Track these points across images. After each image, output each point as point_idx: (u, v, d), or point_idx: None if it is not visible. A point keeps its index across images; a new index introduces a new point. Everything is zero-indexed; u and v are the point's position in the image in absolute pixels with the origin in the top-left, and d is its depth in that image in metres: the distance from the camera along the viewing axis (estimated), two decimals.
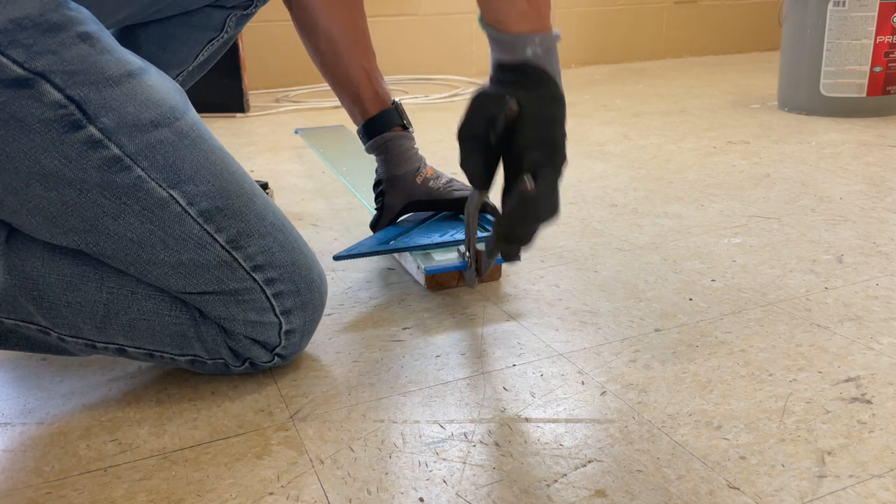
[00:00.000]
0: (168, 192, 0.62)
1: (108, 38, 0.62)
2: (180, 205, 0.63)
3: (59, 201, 0.61)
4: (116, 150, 0.60)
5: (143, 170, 0.61)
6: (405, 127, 0.94)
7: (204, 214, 0.64)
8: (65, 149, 0.58)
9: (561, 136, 0.65)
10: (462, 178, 1.05)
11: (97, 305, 0.66)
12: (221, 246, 0.65)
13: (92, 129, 0.59)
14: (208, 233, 0.64)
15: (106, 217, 0.62)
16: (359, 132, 0.96)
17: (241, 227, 0.66)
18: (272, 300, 0.67)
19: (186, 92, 0.95)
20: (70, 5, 0.60)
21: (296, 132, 1.75)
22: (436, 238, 0.90)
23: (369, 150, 0.96)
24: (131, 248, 0.64)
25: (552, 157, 0.64)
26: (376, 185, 0.97)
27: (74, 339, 0.68)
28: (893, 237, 1.03)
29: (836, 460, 0.57)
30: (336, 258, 0.88)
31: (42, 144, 0.58)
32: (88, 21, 0.61)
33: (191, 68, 0.90)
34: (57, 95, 0.57)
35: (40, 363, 0.77)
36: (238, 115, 2.17)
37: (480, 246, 0.84)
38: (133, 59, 0.63)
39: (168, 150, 0.62)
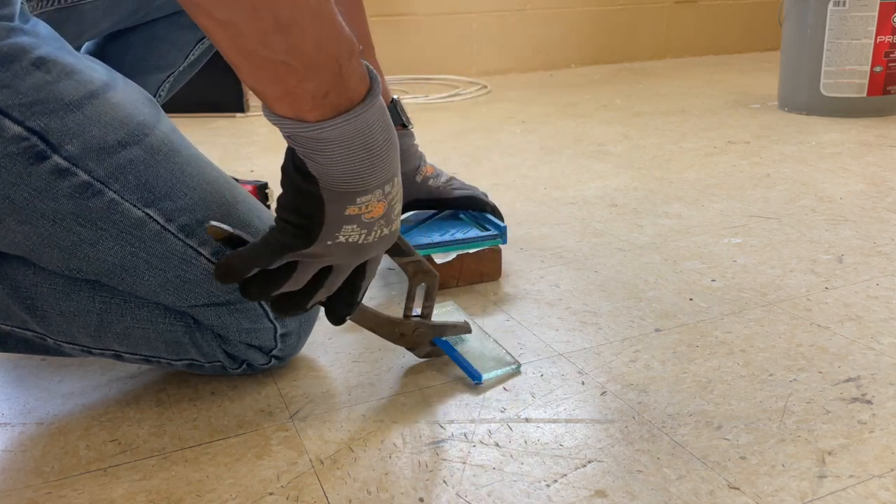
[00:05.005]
0: (144, 212, 0.61)
1: (67, 57, 0.60)
2: (158, 223, 0.62)
3: (35, 234, 0.60)
4: (85, 176, 0.59)
5: (115, 192, 0.60)
6: (405, 125, 0.94)
7: (184, 229, 0.62)
8: (32, 181, 0.57)
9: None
10: (462, 178, 1.06)
11: (90, 314, 0.65)
12: (207, 259, 0.63)
13: (57, 159, 0.58)
14: (191, 247, 0.63)
15: (84, 244, 0.61)
16: None
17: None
18: (265, 306, 0.67)
19: (180, 91, 0.94)
20: (23, 29, 0.58)
21: None
22: (436, 237, 0.90)
23: None
24: (115, 271, 0.63)
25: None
26: None
27: (71, 346, 0.68)
28: (894, 237, 1.03)
29: (836, 460, 0.57)
30: None
31: (9, 179, 0.57)
32: (43, 44, 0.59)
33: (181, 69, 0.90)
34: (17, 129, 0.56)
35: (40, 363, 0.77)
36: (238, 114, 2.17)
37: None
38: (96, 77, 0.61)
39: (140, 169, 0.61)
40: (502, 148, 1.67)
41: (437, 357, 0.74)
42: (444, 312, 0.79)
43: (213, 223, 0.58)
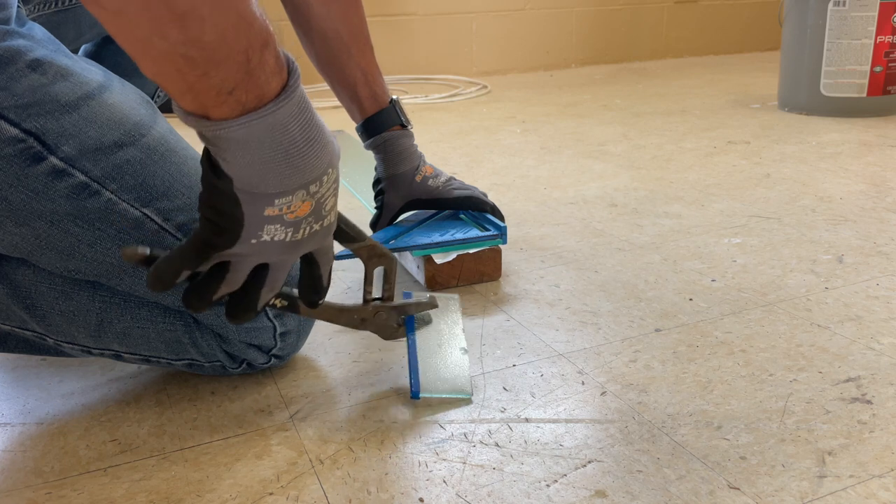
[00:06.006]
0: (141, 212, 0.61)
1: (63, 59, 0.60)
2: (156, 222, 0.62)
3: (33, 235, 0.60)
4: (82, 177, 0.59)
5: (112, 192, 0.60)
6: (403, 125, 0.94)
7: (182, 228, 0.63)
8: (29, 182, 0.58)
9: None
10: (462, 178, 1.06)
11: (90, 314, 0.66)
12: None
13: (54, 160, 0.58)
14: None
15: (82, 245, 0.61)
16: (357, 130, 0.96)
17: None
18: None
19: None
20: (19, 32, 0.58)
21: None
22: (436, 237, 0.90)
23: (368, 148, 0.96)
24: (113, 271, 0.63)
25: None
26: (376, 183, 0.97)
27: (70, 345, 0.68)
28: (894, 237, 1.03)
29: (836, 460, 0.57)
30: (337, 258, 0.88)
31: (6, 181, 0.57)
32: (39, 46, 0.59)
33: None
34: (13, 131, 0.56)
35: (40, 363, 0.77)
36: None
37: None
38: (92, 78, 0.61)
39: (136, 169, 0.61)
40: (502, 148, 1.67)
41: (397, 338, 0.72)
42: (442, 300, 0.76)
43: (127, 248, 0.55)
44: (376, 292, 0.70)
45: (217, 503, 0.54)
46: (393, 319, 0.70)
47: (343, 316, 0.69)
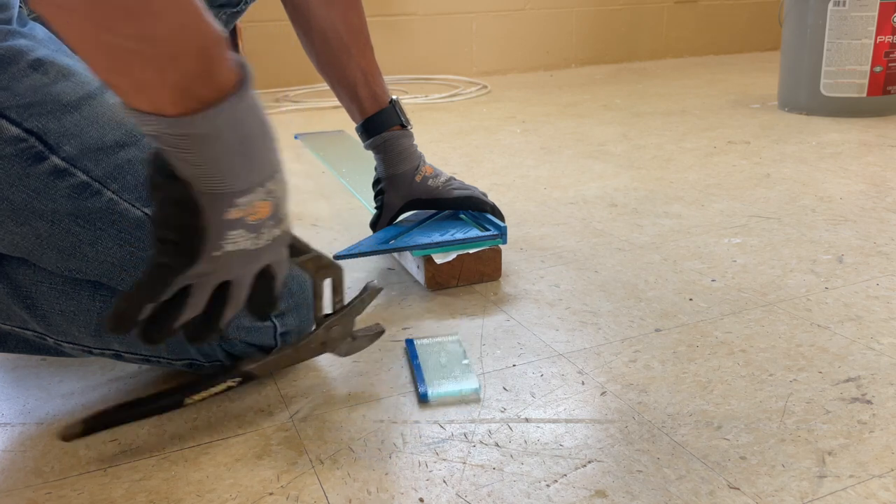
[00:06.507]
0: (143, 211, 0.61)
1: (64, 59, 0.60)
2: None
3: (33, 235, 0.60)
4: (83, 177, 0.59)
5: (113, 192, 0.60)
6: (403, 125, 0.94)
7: None
8: (31, 182, 0.58)
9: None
10: (462, 178, 1.06)
11: (90, 314, 0.65)
12: None
13: (55, 159, 0.58)
14: None
15: (83, 245, 0.61)
16: (357, 130, 0.96)
17: None
18: None
19: None
20: (20, 32, 0.58)
21: (295, 137, 1.75)
22: (436, 237, 0.90)
23: (368, 148, 0.96)
24: (114, 271, 0.63)
25: None
26: (375, 183, 0.97)
27: (71, 345, 0.68)
28: (894, 237, 1.03)
29: (836, 460, 0.57)
30: (336, 257, 0.88)
31: (7, 181, 0.57)
32: (40, 46, 0.59)
33: None
34: (15, 130, 0.56)
35: (40, 363, 0.77)
36: None
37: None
38: (93, 78, 0.61)
39: (137, 169, 0.61)
40: (502, 148, 1.67)
41: (361, 349, 0.70)
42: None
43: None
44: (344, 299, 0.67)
45: (217, 503, 0.54)
46: (346, 333, 0.68)
47: (302, 352, 0.66)
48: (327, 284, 0.65)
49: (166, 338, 0.51)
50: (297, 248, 0.61)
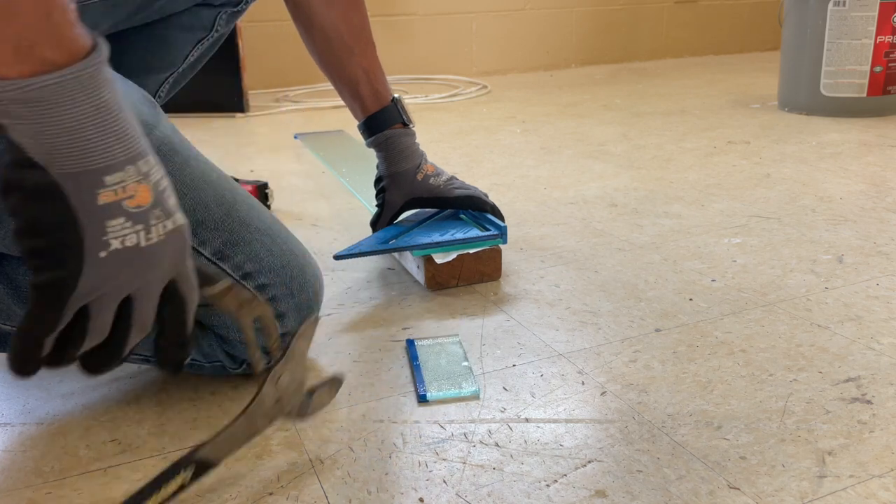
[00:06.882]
0: None
1: None
2: None
3: None
4: None
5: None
6: (405, 123, 0.94)
7: None
8: None
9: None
10: (462, 178, 1.06)
11: None
12: (207, 259, 0.63)
13: None
14: (192, 247, 0.62)
15: None
16: (359, 128, 0.96)
17: (225, 237, 0.64)
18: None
19: (180, 91, 0.94)
20: None
21: (295, 137, 1.75)
22: (436, 237, 0.90)
23: (370, 146, 0.96)
24: None
25: None
26: (377, 181, 0.97)
27: None
28: (894, 237, 1.03)
29: (836, 460, 0.57)
30: (336, 257, 0.88)
31: None
32: None
33: (181, 69, 0.89)
34: None
35: None
36: (238, 114, 2.17)
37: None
38: None
39: None
40: (502, 148, 1.67)
41: (324, 406, 0.60)
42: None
43: None
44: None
45: (217, 503, 0.54)
46: (299, 378, 0.57)
47: (258, 420, 0.55)
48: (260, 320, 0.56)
49: (68, 364, 0.46)
50: (208, 276, 0.53)
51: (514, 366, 0.72)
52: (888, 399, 0.64)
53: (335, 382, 0.61)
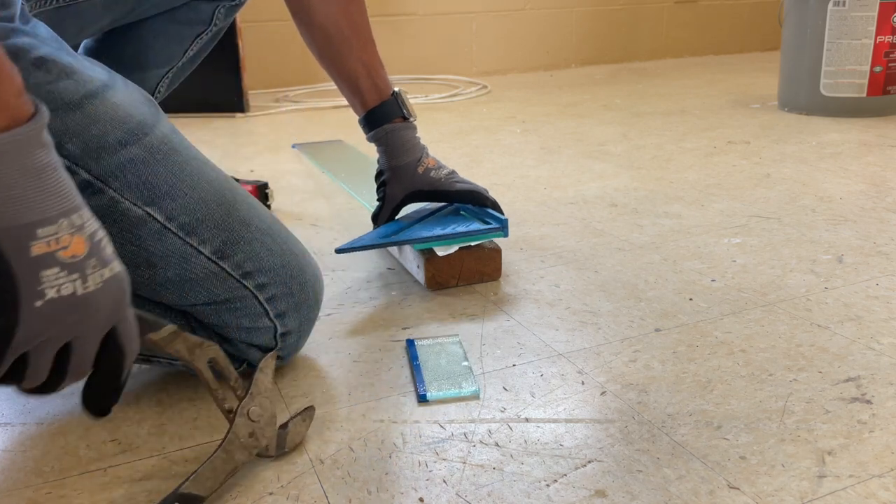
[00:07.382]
0: (144, 210, 0.61)
1: (66, 57, 0.60)
2: (159, 221, 0.62)
3: None
4: (85, 175, 0.59)
5: (115, 191, 0.60)
6: (405, 117, 0.94)
7: (185, 228, 0.62)
8: None
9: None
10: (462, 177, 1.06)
11: None
12: (207, 257, 0.64)
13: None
14: (192, 246, 0.63)
15: None
16: (360, 123, 0.96)
17: (225, 235, 0.65)
18: (265, 305, 0.67)
19: (180, 91, 0.94)
20: (23, 30, 0.58)
21: (293, 147, 1.73)
22: (438, 231, 0.90)
23: (371, 141, 0.96)
24: None
25: None
26: (378, 175, 0.97)
27: None
28: (893, 237, 1.03)
29: (836, 460, 0.57)
30: (338, 251, 0.88)
31: None
32: (43, 44, 0.59)
33: (181, 64, 0.89)
34: None
35: None
36: (238, 114, 2.17)
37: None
38: (96, 76, 0.61)
39: (139, 168, 0.61)
40: (502, 148, 1.67)
41: (302, 437, 0.61)
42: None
43: None
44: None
45: (217, 503, 0.54)
46: (269, 410, 0.58)
47: (236, 453, 0.55)
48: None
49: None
50: (151, 323, 0.53)
51: (514, 366, 0.72)
52: (888, 399, 0.65)
53: (308, 412, 0.62)
